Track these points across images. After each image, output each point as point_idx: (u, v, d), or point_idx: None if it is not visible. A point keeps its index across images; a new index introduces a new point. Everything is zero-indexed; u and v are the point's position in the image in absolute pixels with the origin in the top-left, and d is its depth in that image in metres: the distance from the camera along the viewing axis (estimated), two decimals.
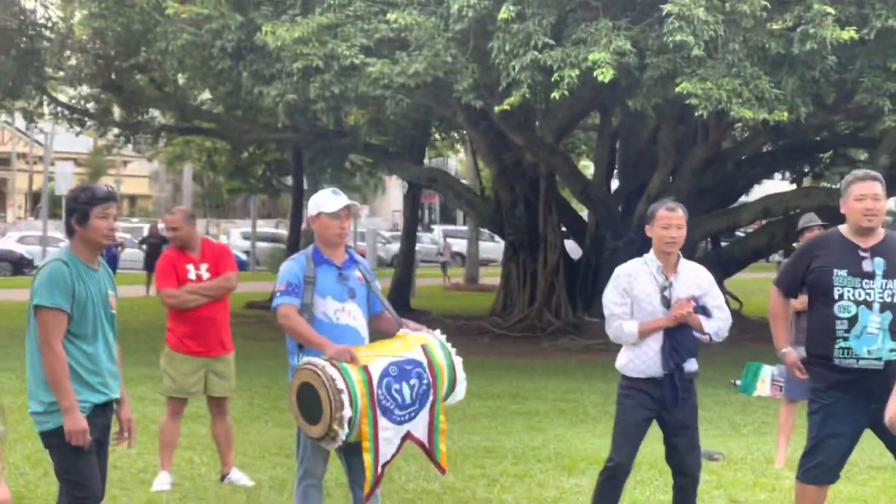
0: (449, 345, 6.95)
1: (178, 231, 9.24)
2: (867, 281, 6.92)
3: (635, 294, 7.06)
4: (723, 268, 27.24)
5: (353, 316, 6.94)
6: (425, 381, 6.72)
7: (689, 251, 25.77)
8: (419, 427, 6.75)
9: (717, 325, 7.11)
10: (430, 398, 6.75)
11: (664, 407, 7.03)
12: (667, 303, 7.03)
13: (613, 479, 7.09)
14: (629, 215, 24.45)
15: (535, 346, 22.57)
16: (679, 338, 7.00)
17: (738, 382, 16.92)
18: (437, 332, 7.03)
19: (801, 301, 7.96)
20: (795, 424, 13.13)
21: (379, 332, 7.09)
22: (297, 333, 6.81)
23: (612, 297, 7.13)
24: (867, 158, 25.68)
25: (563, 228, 26.47)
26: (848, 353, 6.88)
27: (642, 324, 7.00)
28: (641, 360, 7.05)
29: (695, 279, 7.17)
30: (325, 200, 7.00)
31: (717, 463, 10.69)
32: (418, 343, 6.85)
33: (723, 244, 29.77)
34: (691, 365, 7.10)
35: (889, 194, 20.13)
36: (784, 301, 7.33)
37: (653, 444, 11.30)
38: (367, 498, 6.78)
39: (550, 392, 15.93)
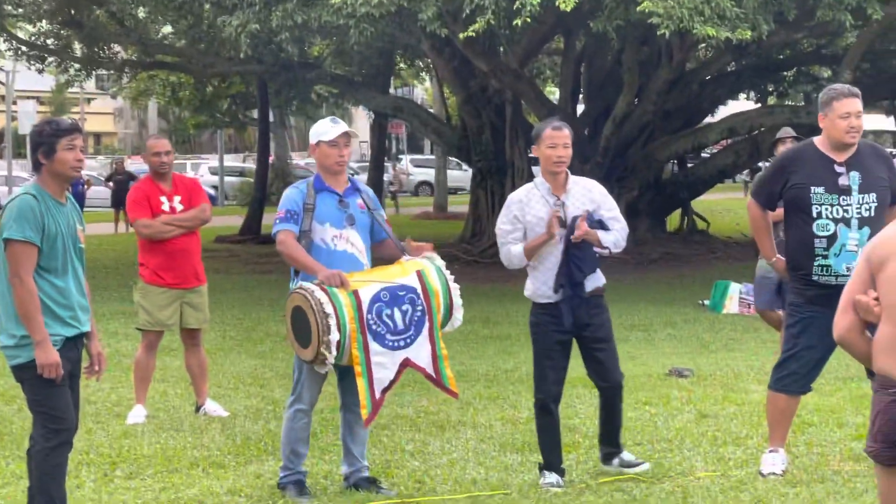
0: (447, 271, 7.00)
1: (170, 155, 9.30)
2: (844, 197, 6.99)
3: (528, 220, 7.08)
4: (689, 188, 27.40)
5: (351, 242, 7.00)
6: (419, 308, 6.77)
7: (656, 172, 25.90)
8: (421, 355, 6.80)
9: (615, 236, 7.14)
10: (427, 325, 6.79)
11: (577, 326, 7.10)
12: (562, 222, 7.05)
13: (545, 410, 7.21)
14: (596, 139, 24.49)
15: (504, 272, 22.46)
16: (579, 255, 7.04)
17: (707, 301, 17.08)
18: (437, 257, 7.08)
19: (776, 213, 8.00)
20: (765, 339, 13.35)
21: (383, 260, 7.16)
22: (292, 259, 6.91)
23: (502, 225, 7.20)
24: (830, 76, 25.74)
25: (531, 154, 26.47)
26: (827, 271, 6.97)
27: (526, 244, 7.07)
28: (547, 285, 7.10)
29: (586, 194, 7.19)
30: (324, 129, 7.07)
31: (687, 379, 10.82)
32: (414, 269, 6.89)
33: (689, 165, 29.86)
34: (598, 280, 7.17)
35: None
36: (763, 213, 7.40)
37: (626, 363, 11.45)
38: (367, 423, 6.86)
39: (521, 316, 16.00)
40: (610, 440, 7.41)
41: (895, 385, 4.07)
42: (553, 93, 36.57)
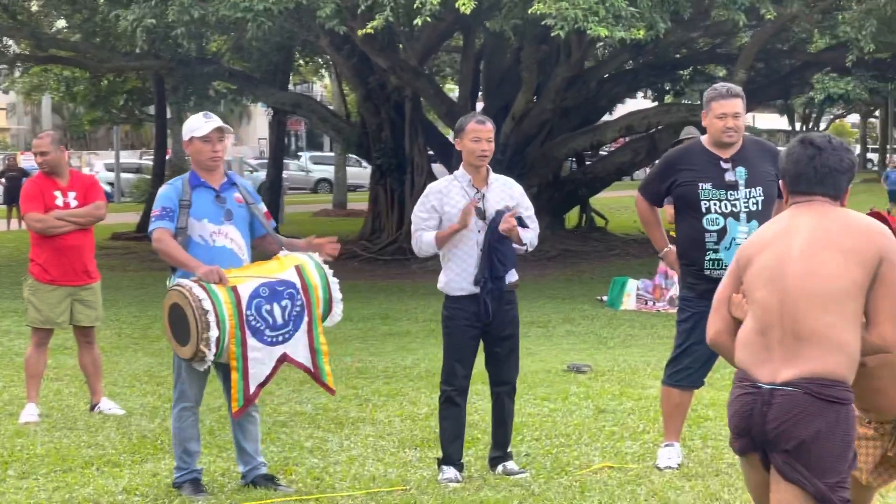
0: (325, 266, 6.96)
1: (46, 156, 9.07)
2: (732, 192, 7.13)
3: (447, 210, 7.11)
4: (588, 186, 27.62)
5: (230, 238, 6.93)
6: (298, 303, 6.73)
7: (555, 169, 26.08)
8: (298, 350, 6.76)
9: (531, 234, 7.23)
10: (306, 319, 6.76)
11: (483, 321, 7.14)
12: (481, 214, 7.11)
13: (451, 401, 7.22)
14: (495, 136, 24.54)
15: (404, 269, 22.69)
16: (501, 249, 7.10)
17: (605, 298, 17.23)
18: (316, 253, 7.04)
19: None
20: (662, 335, 13.50)
21: (263, 255, 7.10)
22: (169, 256, 6.81)
23: (419, 214, 7.22)
24: (725, 75, 26.10)
25: (430, 151, 26.49)
26: (718, 265, 7.08)
27: (438, 232, 7.10)
28: (462, 277, 7.13)
29: (506, 191, 7.25)
30: (197, 125, 6.98)
31: (586, 375, 10.90)
32: (293, 264, 6.85)
33: (587, 162, 30.09)
34: (513, 275, 7.23)
35: (748, 109, 20.68)
36: (650, 206, 7.50)
37: (525, 359, 11.48)
38: (236, 416, 6.80)
39: (420, 312, 16.06)
40: (499, 444, 7.42)
41: (748, 379, 4.13)
42: (452, 90, 36.65)
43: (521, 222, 7.15)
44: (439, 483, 7.05)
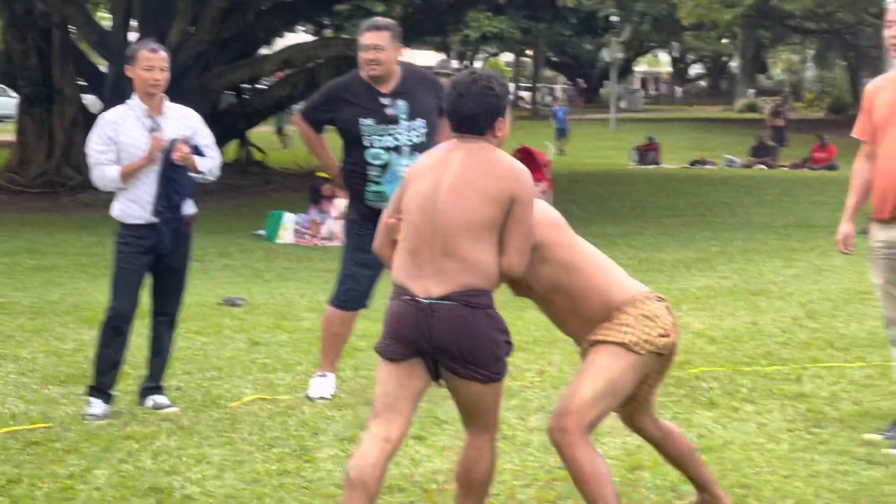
0: None
1: None
2: (393, 126, 7.18)
3: (122, 140, 6.91)
4: (247, 119, 27.39)
5: None
6: None
7: (213, 102, 25.70)
8: None
9: (210, 163, 7.13)
10: None
11: (160, 251, 6.98)
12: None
13: (116, 328, 7.00)
14: None
15: (54, 202, 21.92)
16: (176, 179, 6.95)
17: (262, 232, 17.14)
18: None
19: None
20: (318, 269, 13.54)
21: None
22: None
23: (95, 146, 6.98)
24: (384, 10, 26.30)
25: (83, 82, 25.58)
26: (380, 197, 7.14)
27: (123, 167, 6.89)
28: (138, 205, 6.94)
29: (183, 120, 7.15)
30: None
31: (240, 308, 10.80)
32: None
33: (245, 96, 29.79)
34: (189, 207, 7.10)
35: (406, 45, 20.92)
36: (313, 130, 7.46)
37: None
38: None
39: (70, 246, 15.54)
40: (154, 375, 7.25)
41: (407, 293, 4.54)
42: (106, 19, 35.49)
43: (198, 151, 7.01)
44: (85, 420, 6.81)
